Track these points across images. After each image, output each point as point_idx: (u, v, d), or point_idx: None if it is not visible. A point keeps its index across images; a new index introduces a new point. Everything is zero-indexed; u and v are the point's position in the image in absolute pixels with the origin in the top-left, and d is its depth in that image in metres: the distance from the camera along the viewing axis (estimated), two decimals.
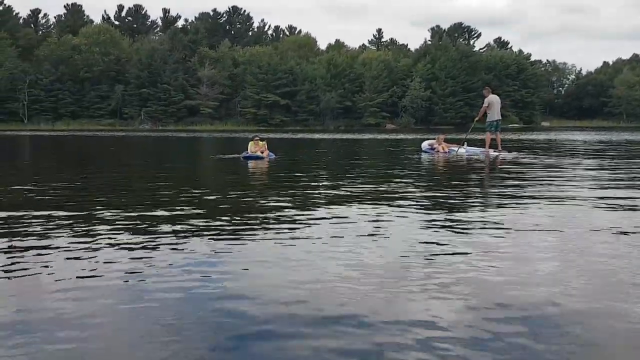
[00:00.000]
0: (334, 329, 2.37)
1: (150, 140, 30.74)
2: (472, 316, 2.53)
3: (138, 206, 5.75)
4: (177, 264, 3.45)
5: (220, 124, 74.05)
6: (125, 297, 2.84)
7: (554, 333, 2.32)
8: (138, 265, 3.43)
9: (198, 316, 2.54)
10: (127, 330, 2.44)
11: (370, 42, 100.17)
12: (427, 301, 2.72)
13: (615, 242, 4.00)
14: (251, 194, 7.08)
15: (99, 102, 77.19)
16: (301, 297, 2.79)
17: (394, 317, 2.50)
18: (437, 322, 2.43)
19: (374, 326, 2.40)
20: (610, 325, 2.42)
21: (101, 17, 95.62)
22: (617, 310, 2.59)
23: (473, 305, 2.67)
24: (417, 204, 5.85)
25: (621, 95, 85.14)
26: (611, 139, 25.03)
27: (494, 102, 14.59)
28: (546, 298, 2.75)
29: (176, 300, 2.76)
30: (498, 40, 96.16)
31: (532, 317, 2.50)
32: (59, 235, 4.25)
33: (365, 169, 10.76)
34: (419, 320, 2.46)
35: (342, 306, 2.66)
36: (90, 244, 3.98)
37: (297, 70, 77.57)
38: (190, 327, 2.40)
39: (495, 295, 2.83)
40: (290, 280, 3.07)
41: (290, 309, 2.62)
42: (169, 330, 2.38)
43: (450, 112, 75.04)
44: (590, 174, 8.75)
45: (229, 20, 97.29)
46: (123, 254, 3.70)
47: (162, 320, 2.49)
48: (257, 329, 2.40)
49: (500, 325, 2.41)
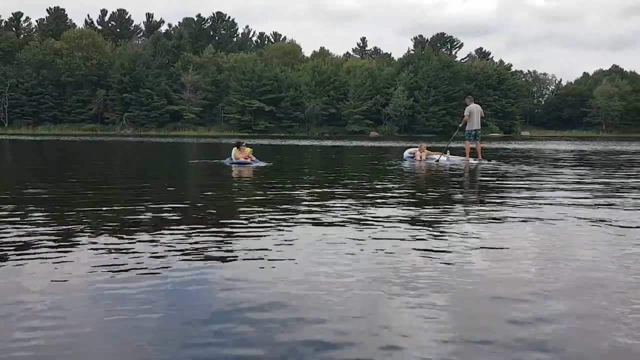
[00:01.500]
0: (314, 337, 2.37)
1: (130, 145, 30.52)
2: (452, 330, 2.55)
3: (116, 215, 5.73)
4: (154, 268, 3.45)
5: (204, 130, 73.79)
6: (102, 306, 2.79)
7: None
8: (118, 273, 3.43)
9: (178, 326, 2.52)
10: (102, 338, 2.43)
11: (355, 51, 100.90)
12: (407, 311, 2.72)
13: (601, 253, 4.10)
14: (232, 201, 7.09)
15: (81, 107, 76.54)
16: (282, 307, 2.77)
17: (375, 327, 2.50)
18: (418, 335, 2.42)
19: (356, 339, 2.42)
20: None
21: (84, 22, 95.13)
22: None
23: (454, 316, 2.71)
24: (398, 214, 5.91)
25: (600, 105, 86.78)
26: (594, 149, 25.48)
27: (474, 112, 14.79)
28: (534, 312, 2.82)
29: (156, 308, 2.75)
30: (479, 50, 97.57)
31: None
32: (36, 243, 4.20)
33: (348, 177, 10.82)
34: (400, 332, 2.46)
35: (323, 314, 2.66)
36: (67, 250, 3.97)
37: (281, 77, 77.73)
38: (167, 336, 2.39)
39: (479, 301, 2.90)
40: (272, 291, 3.07)
41: (270, 316, 2.63)
42: (146, 338, 2.38)
43: (432, 120, 75.80)
44: (569, 181, 8.92)
45: (213, 26, 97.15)
46: (101, 260, 3.69)
47: (139, 327, 2.49)
48: (234, 334, 2.42)
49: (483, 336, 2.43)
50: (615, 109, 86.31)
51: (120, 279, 3.24)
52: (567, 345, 2.32)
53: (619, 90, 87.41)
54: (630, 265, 3.61)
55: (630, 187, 8.30)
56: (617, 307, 2.77)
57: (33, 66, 75.68)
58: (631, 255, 3.86)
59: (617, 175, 10.57)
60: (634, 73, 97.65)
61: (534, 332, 2.45)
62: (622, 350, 2.29)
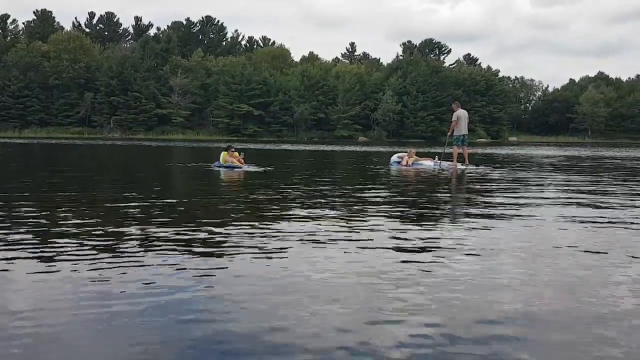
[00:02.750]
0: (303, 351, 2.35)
1: (118, 148, 30.36)
2: (438, 337, 2.55)
3: (103, 219, 5.72)
4: (144, 278, 3.45)
5: (192, 133, 73.56)
6: (91, 315, 2.74)
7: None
8: (104, 280, 3.42)
9: (166, 334, 2.49)
10: (91, 348, 2.42)
11: (343, 56, 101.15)
12: (398, 322, 2.69)
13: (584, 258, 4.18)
14: (221, 205, 7.11)
15: (68, 110, 75.97)
16: (269, 316, 2.76)
17: (363, 338, 2.48)
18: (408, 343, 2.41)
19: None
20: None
21: (71, 24, 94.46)
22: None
23: (443, 325, 2.74)
24: (385, 219, 5.97)
25: (586, 112, 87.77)
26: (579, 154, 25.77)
27: (462, 117, 14.93)
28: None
29: (142, 316, 2.71)
30: (467, 56, 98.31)
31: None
32: (21, 250, 4.17)
33: (336, 181, 10.86)
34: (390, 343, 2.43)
35: (311, 328, 2.64)
36: (53, 257, 3.97)
37: (270, 81, 77.77)
38: (157, 345, 2.37)
39: (467, 315, 2.95)
40: (261, 299, 3.06)
41: (259, 327, 2.63)
42: (135, 347, 2.37)
43: (421, 125, 76.18)
44: (556, 185, 9.04)
45: (202, 29, 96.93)
46: (87, 268, 3.69)
47: (129, 336, 2.47)
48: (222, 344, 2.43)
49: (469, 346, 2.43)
50: (601, 115, 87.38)
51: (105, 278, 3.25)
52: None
53: (604, 97, 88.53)
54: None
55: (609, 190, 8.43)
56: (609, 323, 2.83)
57: (20, 69, 75.02)
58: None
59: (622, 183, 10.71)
60: (619, 79, 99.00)
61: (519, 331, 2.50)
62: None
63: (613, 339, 2.43)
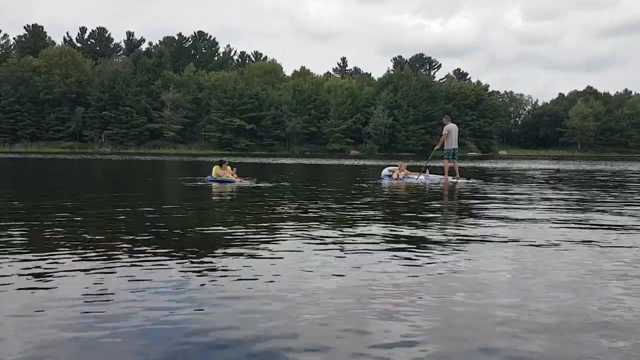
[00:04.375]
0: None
1: (110, 163, 30.27)
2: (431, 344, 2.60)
3: (97, 233, 5.72)
4: (138, 290, 3.46)
5: (184, 148, 73.54)
6: (82, 326, 2.73)
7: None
8: (97, 293, 3.43)
9: (161, 348, 2.48)
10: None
11: (335, 70, 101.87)
12: (389, 328, 2.75)
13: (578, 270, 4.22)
14: (216, 219, 7.12)
15: (59, 125, 75.81)
16: (261, 327, 2.80)
17: (353, 346, 2.52)
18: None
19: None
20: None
21: (63, 39, 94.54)
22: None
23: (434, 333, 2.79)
24: (377, 232, 6.01)
25: (575, 126, 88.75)
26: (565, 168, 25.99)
27: (452, 131, 15.03)
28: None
29: (138, 330, 2.71)
30: (457, 71, 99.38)
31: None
32: (12, 263, 4.16)
33: (328, 195, 10.90)
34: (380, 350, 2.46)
35: (297, 338, 2.68)
36: (46, 270, 3.97)
37: (262, 96, 78.12)
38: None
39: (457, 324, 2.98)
40: (250, 309, 3.09)
41: (251, 335, 2.67)
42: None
43: (412, 139, 76.70)
44: (543, 198, 9.12)
45: (194, 44, 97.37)
46: (79, 281, 3.70)
47: (123, 350, 2.47)
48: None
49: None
50: (590, 129, 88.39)
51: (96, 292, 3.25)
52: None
53: (593, 111, 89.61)
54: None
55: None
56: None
57: (11, 83, 74.90)
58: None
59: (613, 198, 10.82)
60: (607, 94, 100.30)
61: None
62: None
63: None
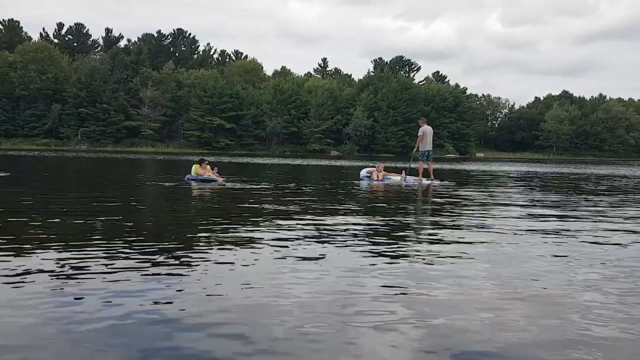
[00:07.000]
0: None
1: (86, 160, 29.89)
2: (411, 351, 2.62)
3: (72, 232, 5.74)
4: (109, 289, 3.51)
5: (162, 146, 72.81)
6: (56, 327, 2.74)
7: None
8: (71, 292, 3.46)
9: (136, 345, 2.51)
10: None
11: (316, 71, 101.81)
12: (368, 337, 2.74)
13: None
14: (194, 219, 7.17)
15: (35, 121, 74.42)
16: (235, 326, 2.81)
17: (332, 352, 2.54)
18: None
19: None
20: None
21: (39, 35, 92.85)
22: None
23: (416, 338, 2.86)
24: (354, 232, 6.13)
25: (551, 129, 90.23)
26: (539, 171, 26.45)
27: (427, 133, 15.25)
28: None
29: (109, 327, 2.74)
30: (436, 74, 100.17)
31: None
32: None
33: (307, 195, 11.00)
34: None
35: (276, 340, 2.69)
36: (17, 268, 4.01)
37: (243, 95, 77.75)
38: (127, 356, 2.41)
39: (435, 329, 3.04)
40: (227, 307, 3.16)
41: (223, 332, 2.74)
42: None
43: (391, 140, 77.16)
44: (516, 199, 9.36)
45: (173, 42, 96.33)
46: (52, 280, 3.73)
47: (95, 346, 2.50)
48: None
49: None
50: (566, 132, 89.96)
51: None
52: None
53: (568, 115, 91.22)
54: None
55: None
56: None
57: None
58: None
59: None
60: (582, 98, 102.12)
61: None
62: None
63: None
